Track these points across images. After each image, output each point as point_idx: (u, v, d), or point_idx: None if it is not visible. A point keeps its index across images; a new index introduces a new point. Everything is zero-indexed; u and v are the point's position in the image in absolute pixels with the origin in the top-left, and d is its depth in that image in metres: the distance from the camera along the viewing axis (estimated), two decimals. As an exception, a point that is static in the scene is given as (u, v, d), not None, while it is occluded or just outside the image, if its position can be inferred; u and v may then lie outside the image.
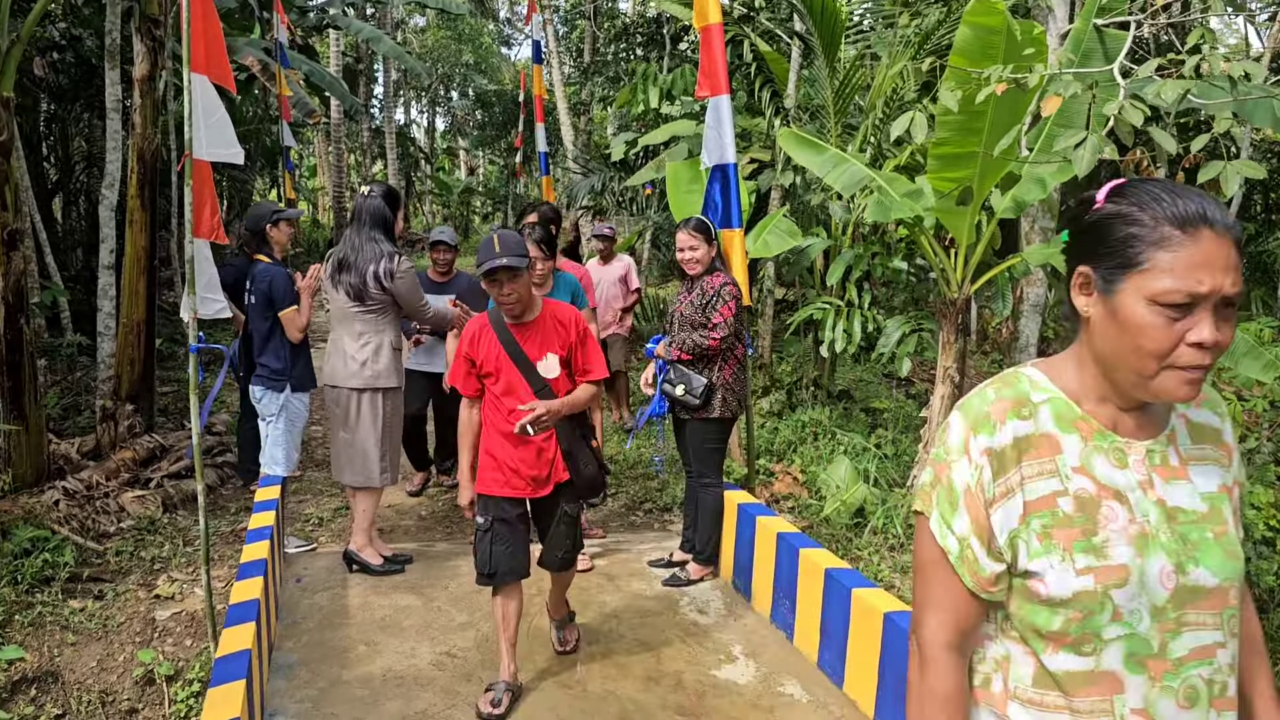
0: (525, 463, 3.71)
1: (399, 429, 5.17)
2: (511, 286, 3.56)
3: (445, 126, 39.27)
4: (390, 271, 4.83)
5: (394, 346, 5.00)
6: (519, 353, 3.67)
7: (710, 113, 4.87)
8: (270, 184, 21.51)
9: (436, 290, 6.29)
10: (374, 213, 4.89)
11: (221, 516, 6.39)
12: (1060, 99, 3.36)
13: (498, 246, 3.52)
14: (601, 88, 18.53)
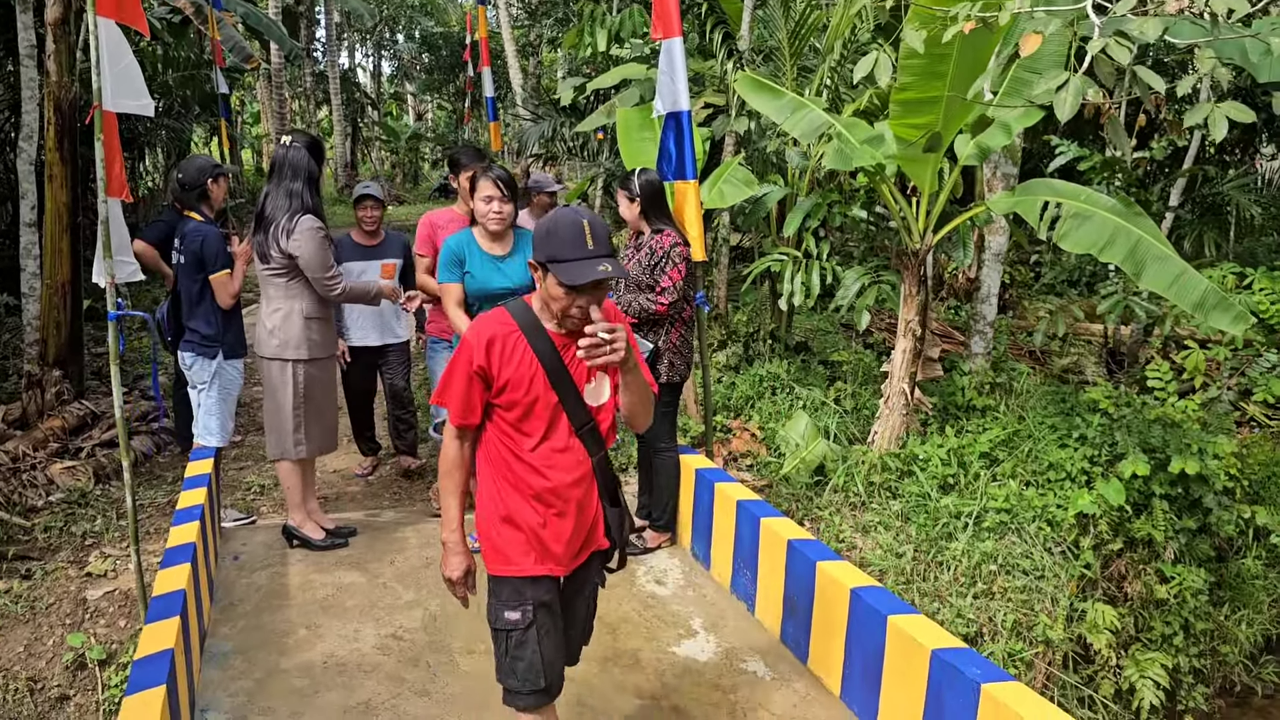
0: (563, 531, 2.67)
1: (321, 401, 4.79)
2: (593, 298, 2.48)
3: (391, 71, 38.23)
4: (287, 230, 4.43)
5: (307, 315, 4.60)
6: (563, 372, 2.60)
7: (663, 57, 4.59)
8: (210, 132, 20.75)
9: (364, 255, 5.78)
10: (295, 165, 4.53)
11: (158, 486, 6.11)
12: (1040, 37, 3.13)
13: (590, 240, 2.44)
14: (550, 29, 17.98)
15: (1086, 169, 7.63)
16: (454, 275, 4.30)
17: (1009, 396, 6.44)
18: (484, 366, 2.57)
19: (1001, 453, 5.83)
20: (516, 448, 2.63)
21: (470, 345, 2.59)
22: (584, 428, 2.63)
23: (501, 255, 4.35)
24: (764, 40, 7.95)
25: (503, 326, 2.59)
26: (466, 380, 2.59)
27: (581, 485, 2.67)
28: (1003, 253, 6.36)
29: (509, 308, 2.64)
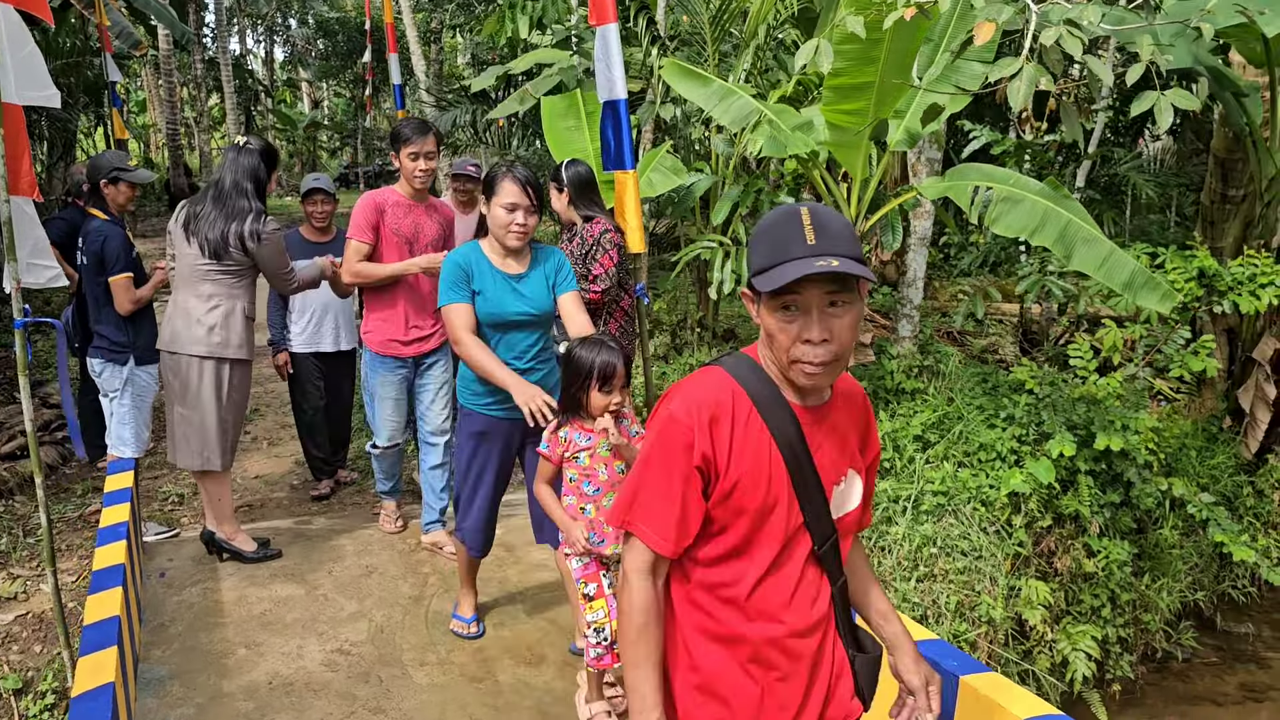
0: (790, 699, 1.82)
1: (243, 408, 4.60)
2: (828, 323, 1.65)
3: (285, 57, 37.09)
4: (256, 233, 4.28)
5: (247, 314, 4.44)
6: (807, 465, 1.75)
7: (598, 44, 4.48)
8: (95, 122, 19.83)
9: (315, 252, 5.33)
10: (246, 168, 4.34)
11: (66, 500, 5.79)
12: (995, 25, 3.13)
13: (811, 232, 1.63)
14: (452, 15, 17.63)
15: (999, 152, 7.78)
16: (461, 294, 3.50)
17: (936, 379, 6.53)
18: (709, 458, 1.70)
19: (933, 435, 5.91)
20: (727, 583, 1.77)
21: (682, 425, 1.70)
22: (826, 544, 1.80)
23: (518, 274, 3.57)
24: (676, 25, 7.89)
25: (726, 395, 1.73)
26: (682, 482, 1.70)
27: (818, 632, 1.83)
28: (928, 236, 6.44)
29: (729, 366, 1.78)
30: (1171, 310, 5.03)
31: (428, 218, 4.53)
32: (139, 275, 4.84)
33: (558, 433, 3.18)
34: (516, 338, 3.55)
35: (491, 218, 3.48)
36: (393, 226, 4.42)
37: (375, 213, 4.40)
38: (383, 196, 4.47)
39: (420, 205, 4.52)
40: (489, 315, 3.50)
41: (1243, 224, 7.07)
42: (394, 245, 4.43)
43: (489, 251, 3.57)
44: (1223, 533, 5.78)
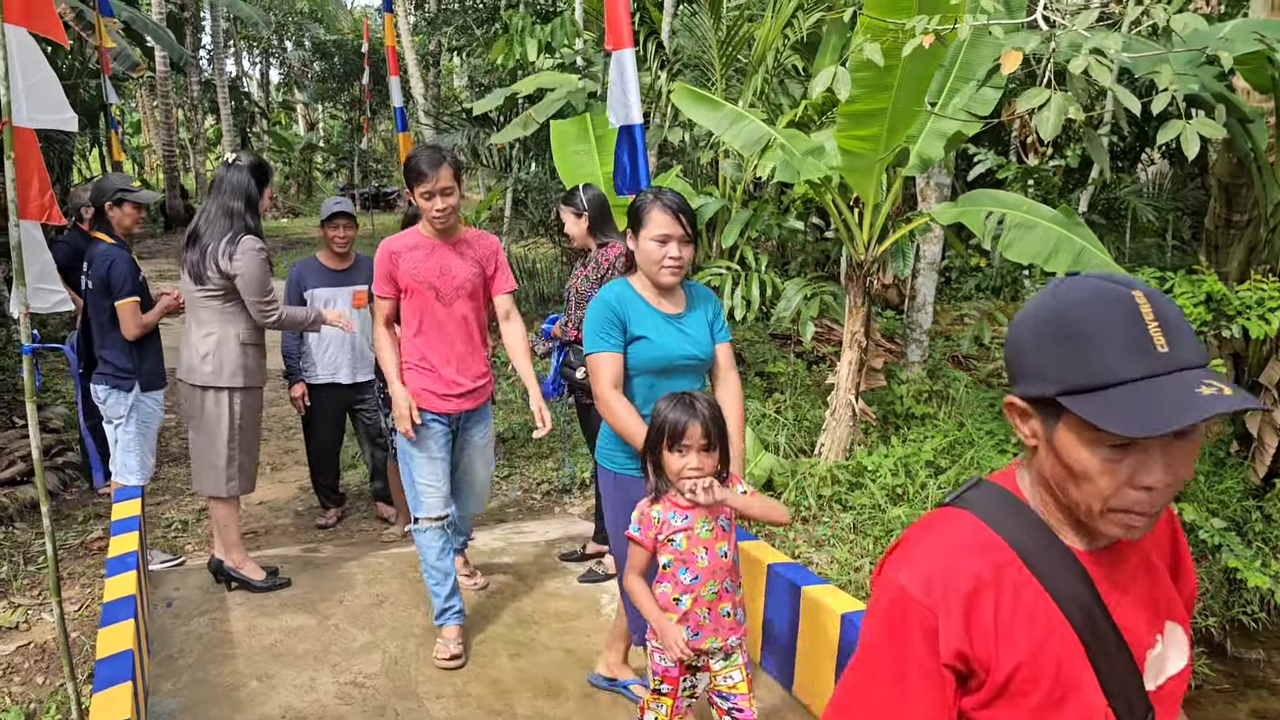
0: None
1: (254, 433, 4.54)
2: (1176, 465, 1.17)
3: (280, 79, 37.15)
4: (229, 252, 4.18)
5: (243, 340, 4.34)
6: (1108, 633, 1.26)
7: (614, 68, 4.47)
8: (92, 143, 19.80)
9: (333, 281, 5.28)
10: (236, 184, 4.29)
11: (68, 526, 5.70)
12: (1020, 54, 3.12)
13: (1160, 333, 1.14)
14: (451, 38, 17.68)
15: (1004, 177, 7.79)
16: (612, 341, 3.08)
17: (946, 404, 6.50)
18: (966, 653, 1.23)
19: (945, 460, 5.87)
20: None
21: (919, 606, 1.23)
22: None
23: (677, 313, 3.19)
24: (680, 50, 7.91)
25: (986, 557, 1.25)
26: (923, 686, 1.24)
27: None
28: (937, 261, 6.42)
29: (982, 509, 1.29)
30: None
31: (457, 257, 3.89)
32: (145, 300, 4.79)
33: (649, 510, 2.76)
34: (675, 385, 3.06)
35: (641, 253, 3.12)
36: (411, 272, 3.82)
37: (390, 261, 3.87)
38: (399, 242, 3.90)
39: (445, 244, 3.88)
40: (652, 361, 3.11)
41: (1247, 249, 7.08)
42: (419, 293, 3.85)
43: (642, 290, 3.18)
44: (1236, 559, 5.74)
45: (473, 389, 3.97)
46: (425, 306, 3.86)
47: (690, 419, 2.65)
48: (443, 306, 3.85)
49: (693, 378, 3.21)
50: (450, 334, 3.90)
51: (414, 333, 3.89)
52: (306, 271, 5.34)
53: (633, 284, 3.21)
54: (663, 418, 2.69)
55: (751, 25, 6.73)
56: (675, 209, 3.06)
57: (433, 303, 3.85)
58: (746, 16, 6.78)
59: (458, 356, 3.92)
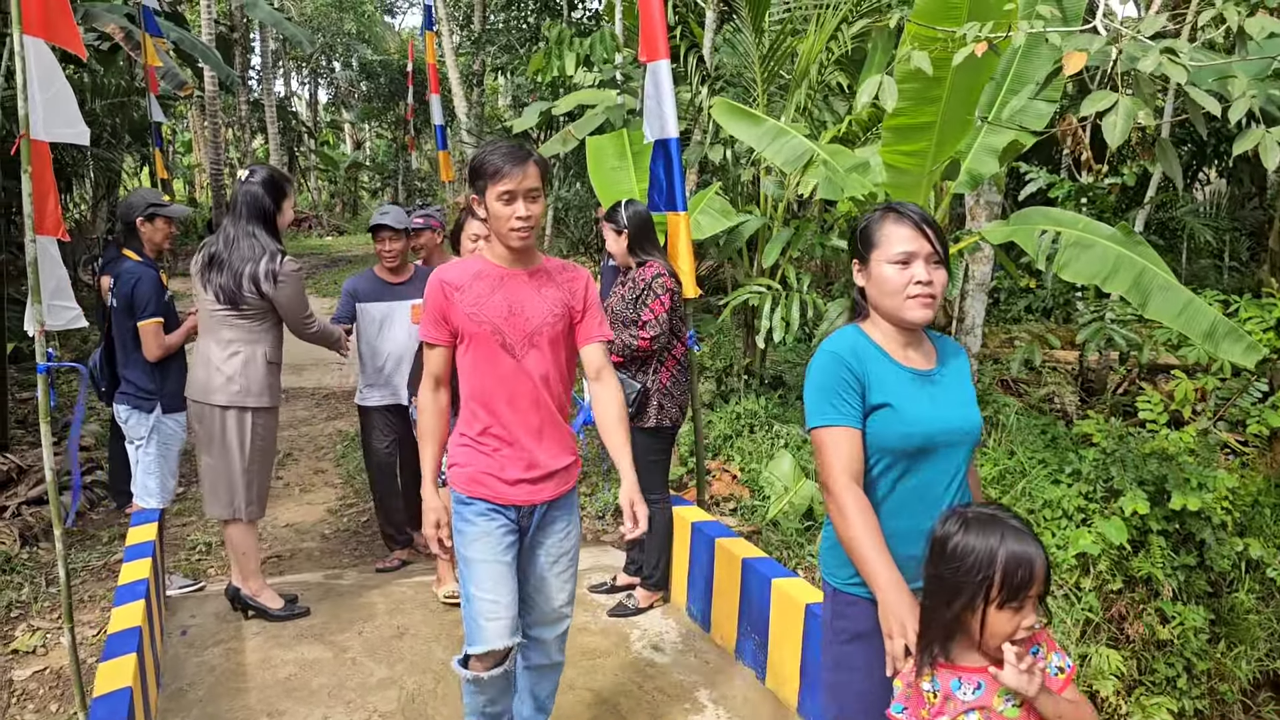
0: None
1: (270, 455, 4.42)
2: None
3: (328, 99, 37.62)
4: (272, 273, 4.10)
5: (269, 359, 4.25)
6: None
7: (649, 80, 4.30)
8: (140, 162, 20.04)
9: (390, 295, 4.95)
10: (251, 201, 4.15)
11: (91, 548, 5.62)
12: (1085, 55, 2.89)
13: None
14: (494, 57, 17.70)
15: (1057, 196, 7.50)
16: (848, 413, 2.26)
17: (995, 430, 6.23)
18: None
19: (995, 490, 5.60)
20: None
21: None
22: None
23: (928, 369, 2.37)
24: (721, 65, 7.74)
25: None
26: None
27: None
28: (987, 282, 6.16)
29: None
30: (1256, 363, 4.71)
31: (534, 293, 2.88)
32: (170, 320, 4.67)
33: (919, 681, 2.00)
34: (933, 473, 2.30)
35: (876, 282, 2.32)
36: (470, 312, 2.83)
37: (442, 296, 2.87)
38: (456, 270, 2.90)
39: (519, 274, 2.87)
40: (903, 438, 2.26)
41: (1317, 271, 6.74)
42: (481, 340, 2.85)
43: (882, 339, 2.36)
44: (1308, 600, 5.39)
45: (552, 472, 2.95)
46: (489, 358, 2.84)
47: (1036, 552, 1.90)
48: (512, 359, 2.84)
49: (959, 459, 2.33)
50: (522, 397, 2.88)
51: (472, 393, 2.90)
52: (361, 284, 5.06)
53: (868, 331, 2.37)
54: (990, 555, 1.90)
55: (794, 40, 6.54)
56: (918, 220, 2.29)
57: (498, 353, 2.84)
58: (789, 31, 6.58)
59: (531, 428, 2.90)
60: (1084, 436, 5.84)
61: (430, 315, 2.90)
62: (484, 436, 2.89)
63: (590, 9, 17.51)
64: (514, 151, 2.77)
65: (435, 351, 2.93)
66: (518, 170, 2.70)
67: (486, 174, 2.72)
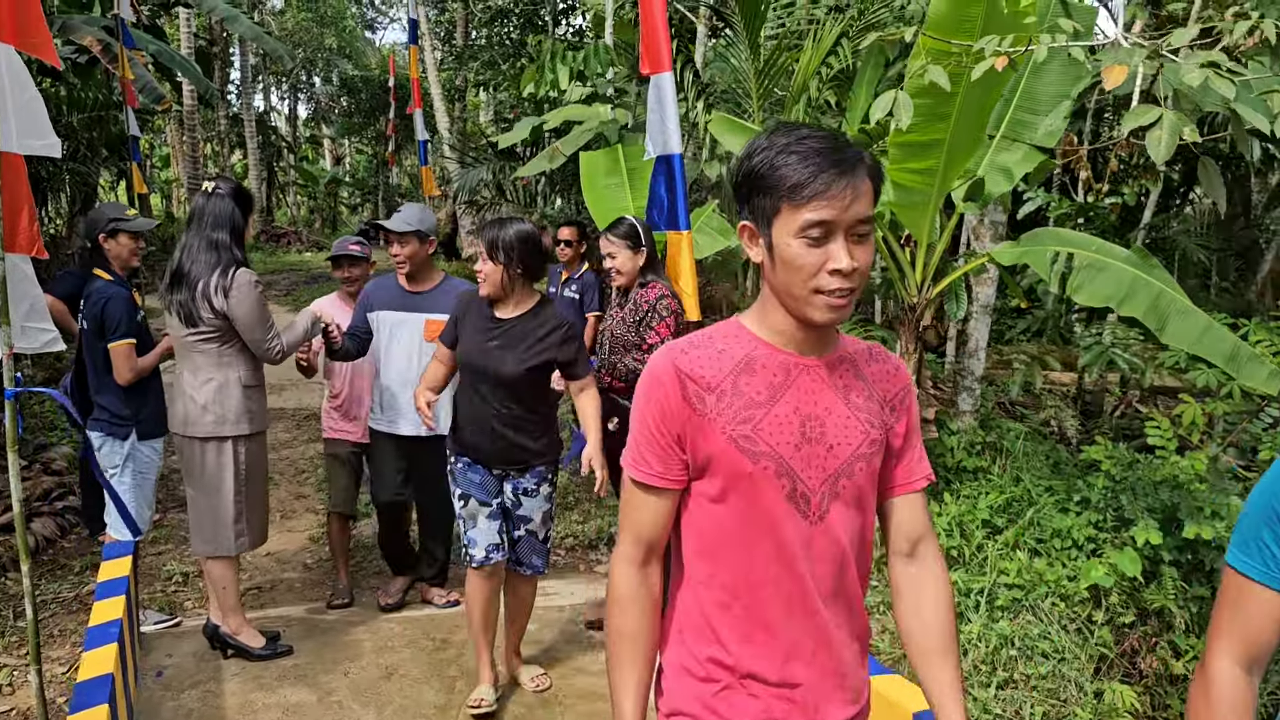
0: None
1: (261, 483, 4.17)
2: None
3: (308, 114, 37.38)
4: (222, 287, 3.82)
5: (245, 384, 3.98)
6: None
7: (651, 93, 4.13)
8: (118, 176, 19.75)
9: (405, 305, 4.46)
10: (217, 215, 3.93)
11: (63, 578, 5.36)
12: (1124, 70, 2.74)
13: None
14: (477, 73, 17.54)
15: (1056, 215, 7.39)
16: None
17: (999, 456, 6.07)
18: None
19: (1000, 519, 5.43)
20: None
21: None
22: None
23: None
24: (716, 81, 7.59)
25: None
26: None
27: None
28: (991, 304, 6.02)
29: None
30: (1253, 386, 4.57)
31: (837, 397, 1.68)
32: (143, 342, 4.43)
33: None
34: None
35: None
36: (740, 431, 1.58)
37: (682, 401, 1.66)
38: (699, 351, 1.66)
39: (819, 362, 1.67)
40: None
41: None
42: (761, 484, 1.63)
43: None
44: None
45: None
46: (763, 519, 1.63)
47: None
48: (805, 522, 1.63)
49: None
50: (813, 594, 1.67)
51: (718, 581, 1.68)
52: (377, 291, 4.55)
53: None
54: None
55: (791, 54, 6.39)
56: None
57: (783, 509, 1.63)
58: (785, 46, 6.44)
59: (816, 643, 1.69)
60: (1091, 463, 5.69)
61: (648, 433, 1.67)
62: (726, 657, 1.68)
63: (574, 25, 17.43)
64: (832, 153, 1.55)
65: (651, 501, 1.69)
66: (836, 186, 1.52)
67: (778, 191, 1.56)
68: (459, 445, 3.72)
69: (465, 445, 3.69)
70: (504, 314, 3.63)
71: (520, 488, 3.73)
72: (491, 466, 3.69)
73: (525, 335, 3.59)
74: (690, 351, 1.64)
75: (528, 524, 3.78)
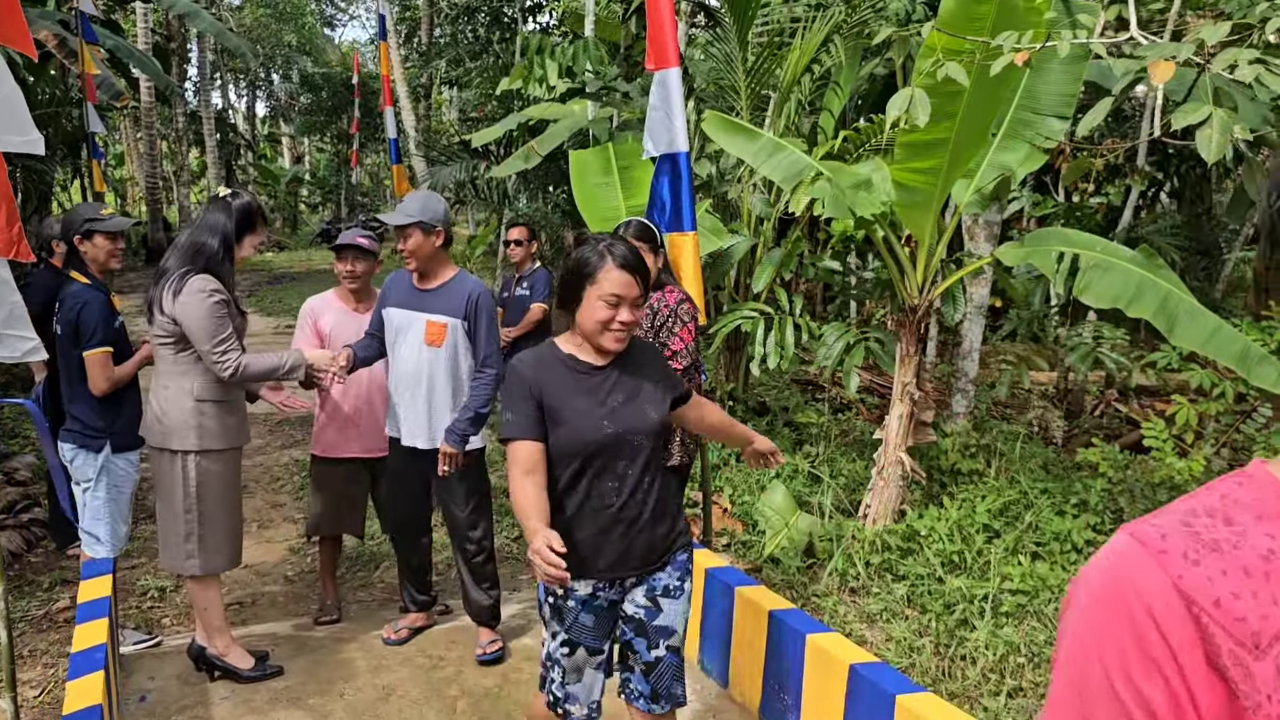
0: None
1: (221, 503, 3.84)
2: None
3: (267, 111, 36.80)
4: (175, 289, 3.62)
5: (198, 396, 3.72)
6: None
7: (656, 90, 4.00)
8: (73, 174, 19.27)
9: (412, 303, 4.01)
10: (210, 223, 3.76)
11: (31, 594, 5.12)
12: (1172, 65, 2.64)
13: None
14: (445, 70, 17.30)
15: (1042, 215, 7.36)
16: None
17: (996, 459, 6.01)
18: None
19: (999, 523, 5.37)
20: None
21: None
22: None
23: None
24: (705, 78, 7.48)
25: None
26: None
27: None
28: (985, 305, 5.96)
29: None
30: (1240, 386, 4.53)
31: None
32: (121, 349, 4.21)
33: None
34: None
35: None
36: None
37: None
38: None
39: None
40: None
41: (1307, 292, 6.66)
42: None
43: None
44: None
45: None
46: None
47: None
48: None
49: None
50: None
51: None
52: (394, 287, 4.12)
53: None
54: None
55: (783, 51, 6.29)
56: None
57: None
58: (776, 44, 6.33)
59: None
60: (1086, 465, 5.65)
61: None
62: None
63: (541, 23, 17.22)
64: None
65: None
66: None
67: None
68: (571, 569, 2.32)
69: (586, 567, 2.59)
70: (589, 357, 2.65)
71: (658, 588, 2.70)
72: (625, 579, 2.68)
73: (637, 368, 2.72)
74: (1199, 553, 0.82)
75: (667, 638, 2.70)
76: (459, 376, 3.99)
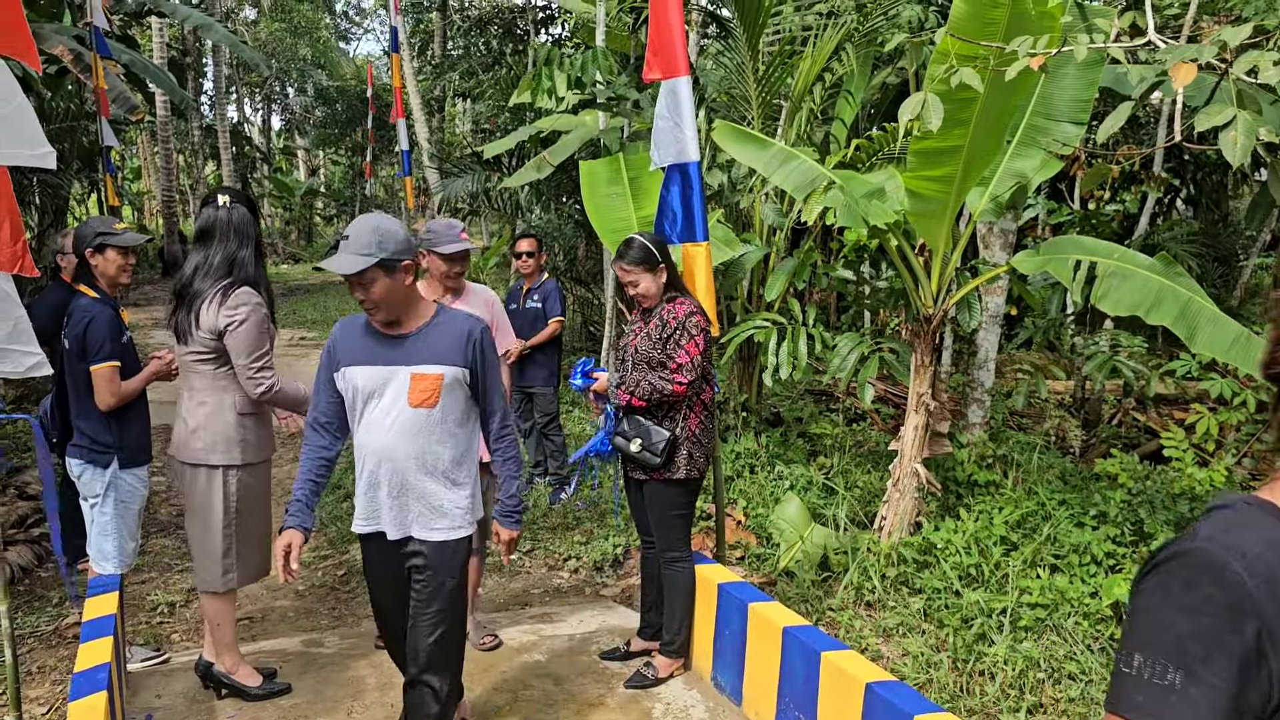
0: None
1: (257, 517, 3.87)
2: None
3: (282, 125, 36.99)
4: (220, 301, 3.59)
5: (241, 410, 3.73)
6: None
7: (665, 99, 3.95)
8: (89, 188, 19.39)
9: None
10: (240, 227, 3.70)
11: (40, 610, 5.10)
12: (1194, 67, 2.59)
13: None
14: (459, 82, 17.33)
15: (1057, 223, 7.28)
16: None
17: (1013, 470, 5.92)
18: None
19: (1016, 535, 5.28)
20: None
21: None
22: None
23: None
24: (715, 88, 7.43)
25: None
26: None
27: None
28: (1000, 314, 5.88)
29: None
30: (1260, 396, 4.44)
31: None
32: (129, 365, 4.17)
33: None
34: None
35: None
36: None
37: None
38: None
39: None
40: None
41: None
42: None
43: None
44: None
45: None
46: None
47: None
48: None
49: None
50: None
51: None
52: (343, 338, 3.20)
53: None
54: None
55: (794, 60, 6.24)
56: None
57: None
58: (788, 52, 6.29)
59: None
60: (1105, 475, 5.56)
61: None
62: None
63: (553, 34, 17.25)
64: None
65: None
66: None
67: None
68: None
69: None
70: None
71: None
72: None
73: None
74: None
75: None
76: (461, 444, 3.09)
